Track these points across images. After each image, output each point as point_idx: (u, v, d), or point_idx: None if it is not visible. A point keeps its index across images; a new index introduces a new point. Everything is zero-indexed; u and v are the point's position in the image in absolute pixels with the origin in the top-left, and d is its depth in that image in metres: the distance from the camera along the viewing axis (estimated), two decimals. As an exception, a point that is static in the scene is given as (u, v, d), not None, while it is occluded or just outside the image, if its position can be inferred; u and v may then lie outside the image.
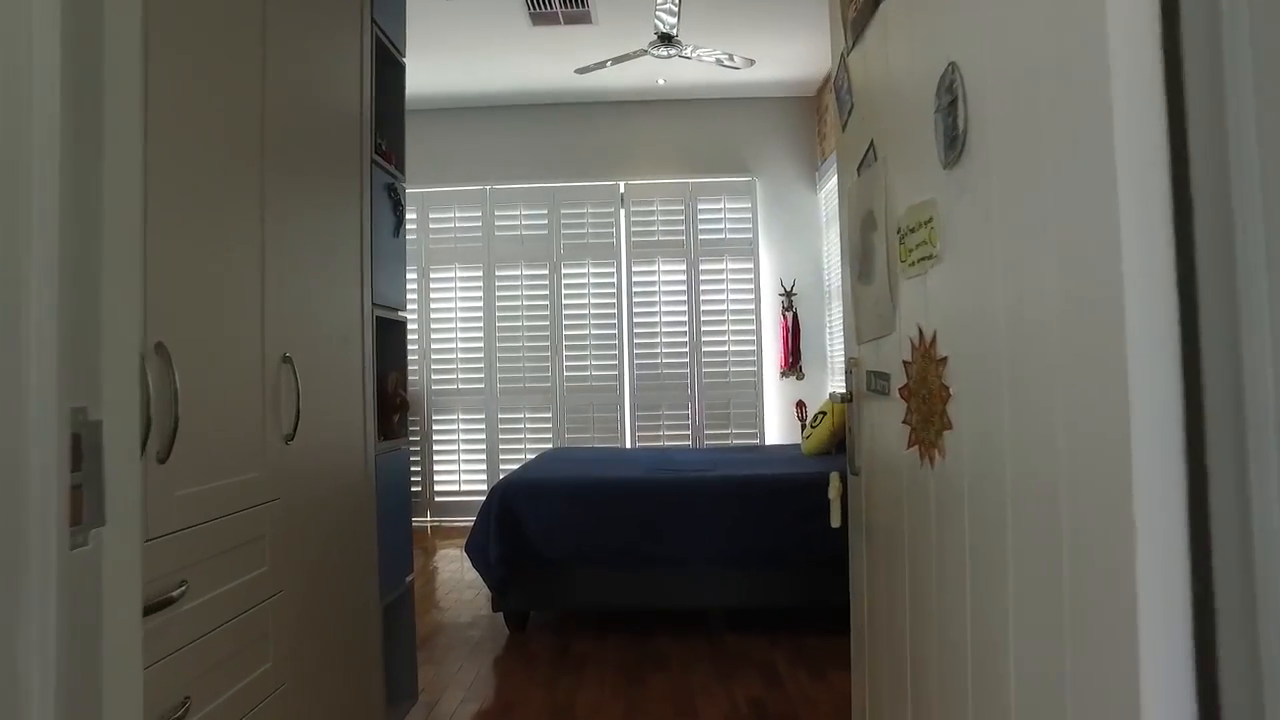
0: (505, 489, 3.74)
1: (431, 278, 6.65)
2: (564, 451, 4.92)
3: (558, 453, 4.94)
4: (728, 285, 6.51)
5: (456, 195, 6.66)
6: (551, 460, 4.45)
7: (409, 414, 2.74)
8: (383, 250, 2.57)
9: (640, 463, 4.33)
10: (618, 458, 4.55)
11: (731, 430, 6.45)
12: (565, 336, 6.54)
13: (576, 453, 4.98)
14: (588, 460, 4.42)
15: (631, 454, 4.79)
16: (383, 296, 2.55)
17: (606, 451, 4.97)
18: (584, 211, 6.60)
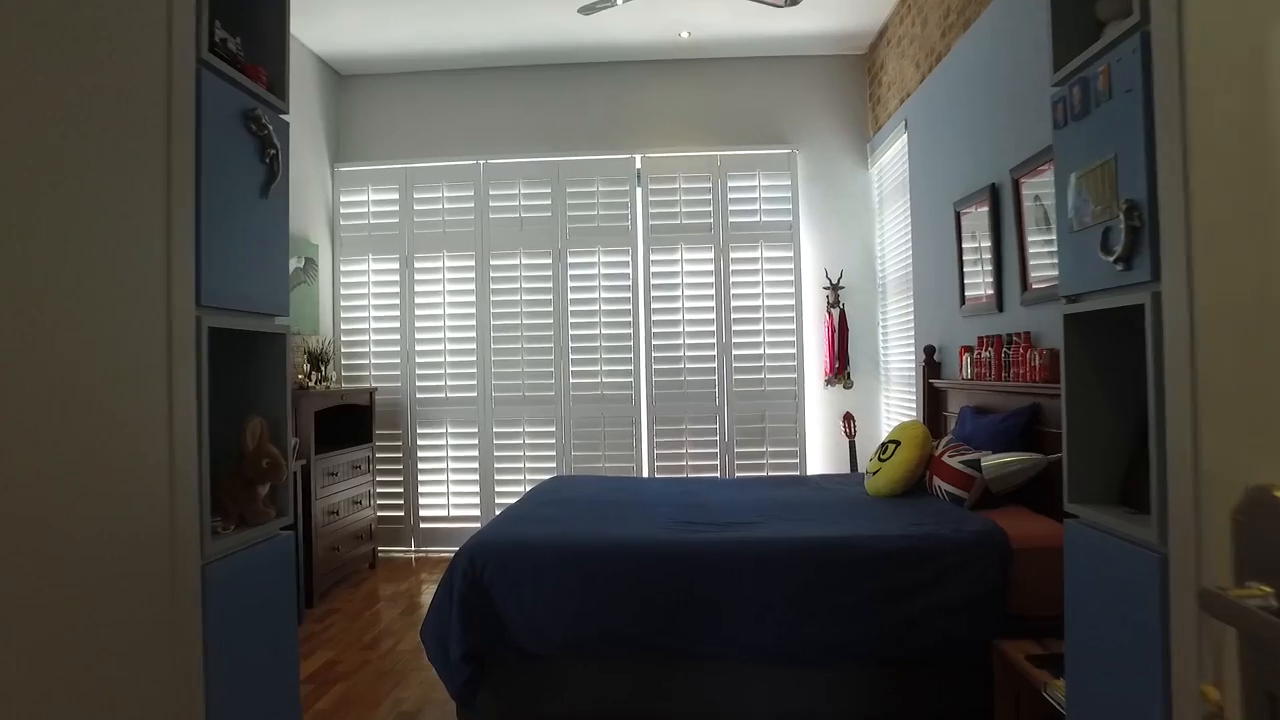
0: (474, 555, 2.69)
1: (416, 268, 5.61)
2: (565, 485, 3.87)
3: (558, 485, 3.89)
4: (763, 277, 5.43)
5: (445, 171, 5.61)
6: (542, 503, 3.40)
7: (283, 478, 1.70)
8: (234, 218, 1.53)
9: (660, 507, 3.28)
10: (631, 497, 3.49)
11: (767, 448, 5.38)
12: (572, 337, 5.49)
13: (581, 484, 3.93)
14: (591, 502, 3.37)
15: (649, 490, 3.74)
16: (231, 294, 1.51)
17: (618, 484, 3.92)
18: (593, 190, 5.53)
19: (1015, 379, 3.14)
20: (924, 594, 2.50)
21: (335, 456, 4.62)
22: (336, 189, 5.69)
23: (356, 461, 4.91)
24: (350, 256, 5.67)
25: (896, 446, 3.37)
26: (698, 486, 3.85)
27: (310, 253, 5.24)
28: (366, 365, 5.63)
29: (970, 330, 3.77)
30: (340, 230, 5.68)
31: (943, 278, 4.13)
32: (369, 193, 5.67)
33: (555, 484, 3.96)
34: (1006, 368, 3.23)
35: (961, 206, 3.83)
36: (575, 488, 3.77)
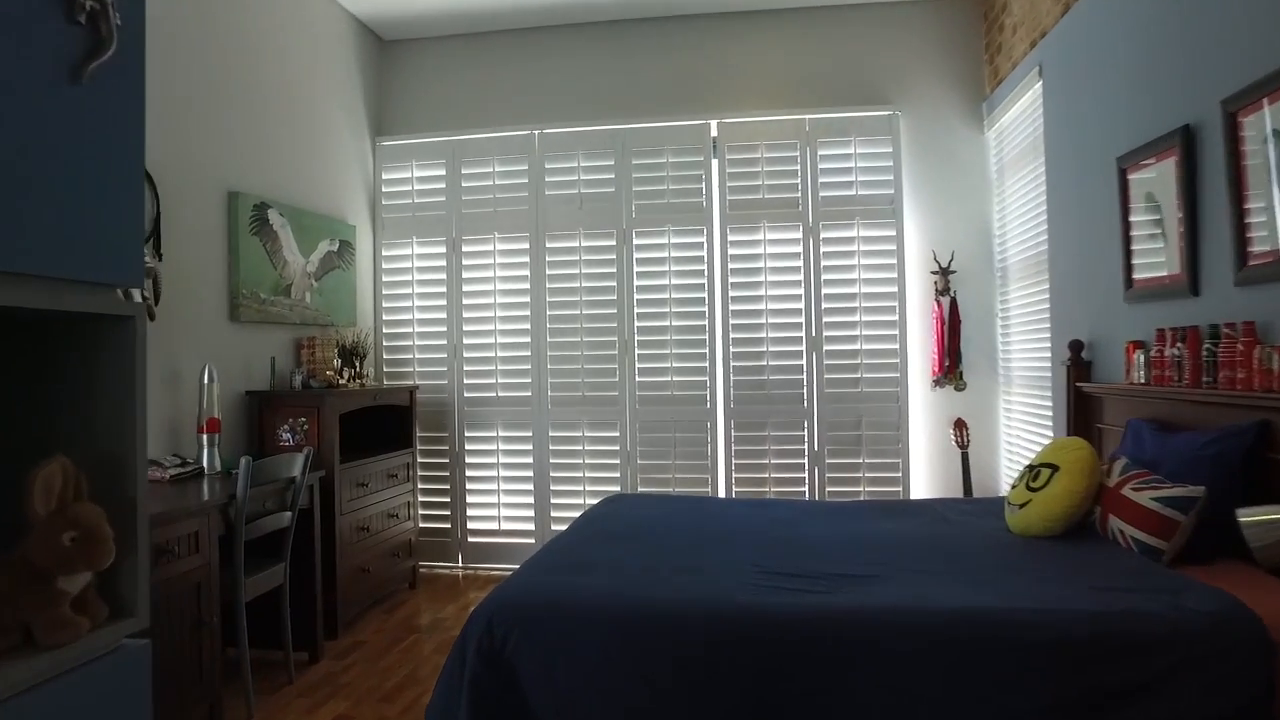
0: (493, 619, 1.99)
1: (464, 251, 4.96)
2: (625, 510, 3.13)
3: (616, 510, 3.15)
4: (859, 260, 4.60)
5: (496, 143, 4.94)
6: (593, 536, 2.66)
7: (105, 561, 1.02)
8: (11, 116, 0.84)
9: (742, 545, 2.52)
10: (706, 529, 2.73)
11: (864, 459, 4.54)
12: (638, 329, 4.76)
13: (645, 508, 3.19)
14: (656, 537, 2.62)
15: (728, 518, 2.96)
16: (12, 251, 0.82)
17: (690, 509, 3.15)
18: (663, 161, 4.78)
19: (1227, 385, 2.28)
20: (1137, 704, 1.68)
21: (366, 465, 4.00)
22: (378, 165, 5.08)
23: (393, 469, 4.28)
24: (392, 240, 5.06)
25: (1054, 472, 2.53)
26: (788, 514, 3.06)
27: (346, 235, 4.64)
28: (410, 360, 5.01)
29: (1143, 320, 2.89)
30: (381, 210, 5.07)
31: (1096, 255, 3.25)
32: (413, 169, 5.04)
33: (613, 508, 3.22)
34: (1210, 369, 2.37)
35: (1130, 162, 2.94)
36: (637, 513, 3.03)
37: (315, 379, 3.99)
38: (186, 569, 2.66)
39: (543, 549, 2.59)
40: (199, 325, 3.51)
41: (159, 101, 3.30)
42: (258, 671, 3.28)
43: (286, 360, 4.11)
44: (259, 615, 3.32)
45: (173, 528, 2.60)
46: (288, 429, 3.73)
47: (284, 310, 4.02)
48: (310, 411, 3.70)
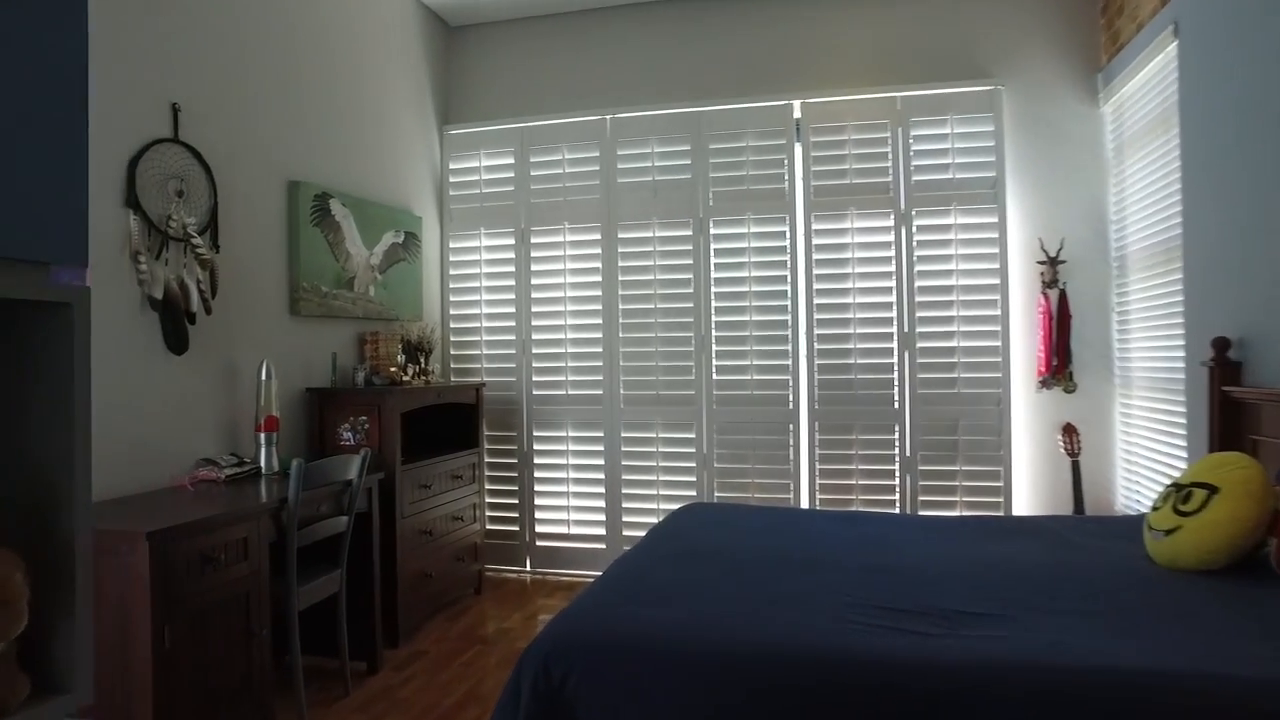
0: (551, 657, 1.72)
1: (533, 243, 4.73)
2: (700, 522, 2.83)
3: (691, 524, 2.86)
4: (957, 250, 4.19)
5: (566, 130, 4.70)
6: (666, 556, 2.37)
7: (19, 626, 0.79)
8: None
9: (834, 568, 2.20)
10: (792, 548, 2.41)
11: (960, 467, 4.14)
12: (716, 324, 4.45)
13: (722, 521, 2.89)
14: (735, 558, 2.32)
15: (815, 535, 2.62)
16: None
17: (772, 522, 2.84)
18: (742, 145, 4.46)
19: None
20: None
21: (430, 466, 3.81)
22: (445, 154, 4.90)
23: (458, 470, 4.09)
24: (459, 231, 4.87)
25: (1211, 494, 2.13)
26: (882, 530, 2.72)
27: (412, 226, 4.46)
28: (477, 356, 4.82)
29: (1311, 314, 2.45)
30: (448, 201, 4.89)
31: (1250, 240, 2.80)
32: (480, 157, 4.85)
33: (689, 519, 2.92)
34: None
35: (1295, 129, 2.50)
36: (715, 527, 2.73)
37: (378, 375, 3.82)
38: (234, 577, 2.48)
39: (612, 568, 2.31)
40: (257, 319, 3.37)
41: (217, 89, 3.15)
42: (314, 681, 3.11)
43: (349, 356, 3.95)
44: (317, 620, 3.16)
45: (220, 534, 2.42)
46: (348, 428, 3.56)
47: (346, 304, 3.86)
48: (371, 410, 3.52)
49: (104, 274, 2.67)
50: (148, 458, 2.82)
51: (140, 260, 2.78)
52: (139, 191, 2.79)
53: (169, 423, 2.91)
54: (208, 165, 3.07)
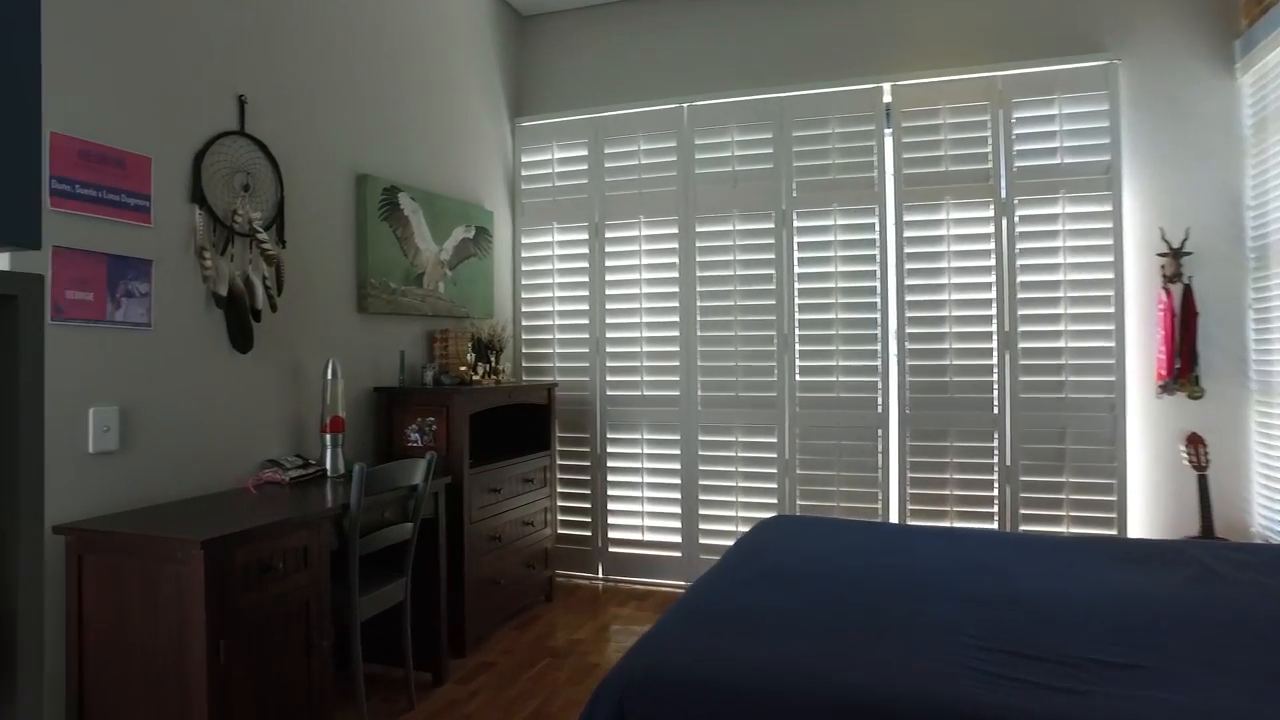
0: (626, 699, 1.52)
1: (607, 237, 4.55)
2: (786, 539, 2.59)
3: (776, 541, 2.61)
4: (1064, 241, 3.83)
5: (641, 119, 4.50)
6: (750, 579, 2.13)
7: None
8: None
9: (941, 599, 1.93)
10: (889, 571, 2.15)
11: (1067, 479, 3.78)
12: (799, 322, 4.19)
13: (810, 537, 2.64)
14: (829, 584, 2.07)
15: (914, 555, 2.34)
16: None
17: (864, 539, 2.57)
18: (828, 132, 4.18)
19: None
20: None
21: (499, 469, 3.66)
22: (517, 147, 4.76)
23: (529, 474, 3.93)
24: (531, 225, 4.72)
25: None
26: (989, 551, 2.43)
27: (483, 221, 4.33)
28: (549, 355, 4.67)
29: None
30: (520, 195, 4.75)
31: None
32: (553, 150, 4.69)
33: (774, 535, 2.68)
34: None
35: None
36: (804, 544, 2.49)
37: (447, 375, 3.70)
38: (294, 587, 2.36)
39: (691, 591, 2.10)
40: (324, 317, 3.27)
41: (283, 80, 3.05)
42: (377, 692, 2.99)
43: (417, 355, 3.83)
44: (382, 625, 3.04)
45: (278, 541, 2.30)
46: (416, 429, 3.43)
47: (415, 301, 3.74)
48: (439, 410, 3.39)
49: (168, 270, 2.59)
50: (211, 459, 2.74)
51: (205, 256, 2.69)
52: (204, 186, 2.70)
53: (233, 423, 2.83)
54: (274, 158, 2.98)
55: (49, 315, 2.28)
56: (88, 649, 2.24)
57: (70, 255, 2.34)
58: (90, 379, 2.37)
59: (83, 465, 2.35)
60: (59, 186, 2.31)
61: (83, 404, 2.35)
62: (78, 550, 2.25)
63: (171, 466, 2.60)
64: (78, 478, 2.33)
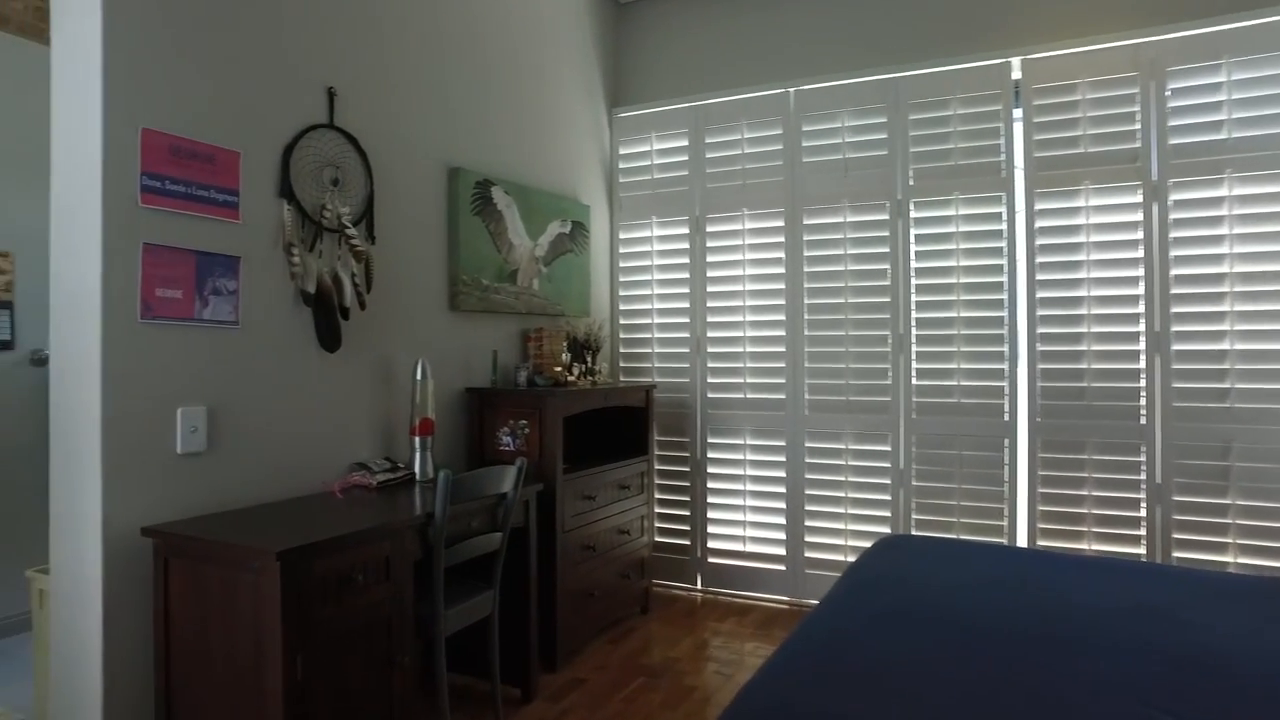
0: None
1: (708, 231, 4.32)
2: (907, 566, 2.28)
3: (896, 567, 2.32)
4: (1231, 227, 3.35)
5: (744, 106, 4.24)
6: (873, 618, 1.86)
7: None
8: None
9: (1115, 663, 1.60)
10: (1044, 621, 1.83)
11: (1232, 501, 3.31)
12: (916, 320, 3.85)
13: (934, 566, 2.33)
14: (964, 629, 1.78)
15: (1071, 598, 2.00)
16: None
17: (997, 568, 2.24)
18: (948, 115, 3.82)
19: None
20: None
21: (594, 475, 3.48)
22: (614, 139, 4.58)
23: (625, 480, 3.75)
24: (629, 220, 4.54)
25: None
26: (1151, 588, 2.07)
27: (580, 215, 4.17)
28: (648, 355, 4.47)
29: None
30: (618, 188, 4.57)
31: None
32: (652, 140, 4.49)
33: (893, 562, 2.38)
34: None
35: None
36: (929, 574, 2.19)
37: (541, 375, 3.55)
38: (375, 600, 2.24)
39: (800, 632, 1.84)
40: (414, 315, 3.16)
41: (374, 71, 2.95)
42: (462, 706, 2.86)
43: (511, 354, 3.70)
44: (469, 637, 2.91)
45: (359, 552, 2.18)
46: (507, 431, 3.29)
47: (509, 298, 3.61)
48: (532, 413, 3.24)
49: (256, 267, 2.52)
50: (298, 461, 2.66)
51: (293, 253, 2.61)
52: (293, 180, 2.62)
53: (321, 424, 2.74)
54: (364, 152, 2.88)
55: (138, 313, 2.22)
56: (174, 653, 2.18)
57: (159, 252, 2.28)
58: (178, 378, 2.31)
59: (171, 466, 2.29)
60: (149, 183, 2.26)
61: (171, 404, 2.29)
62: (164, 553, 2.19)
63: (258, 469, 2.52)
64: (166, 479, 2.28)
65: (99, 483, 2.15)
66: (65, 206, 2.25)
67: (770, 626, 3.76)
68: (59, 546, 2.26)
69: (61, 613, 2.27)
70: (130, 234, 2.20)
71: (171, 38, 2.30)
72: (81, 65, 2.20)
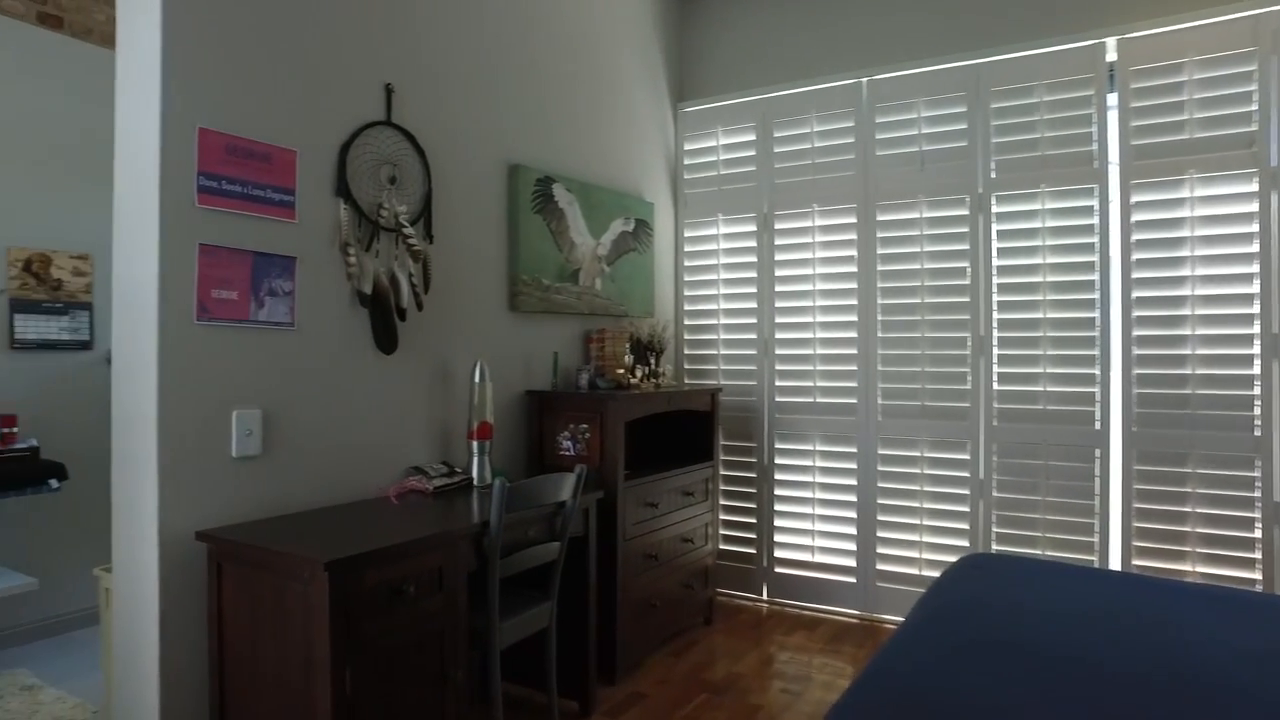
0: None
1: (777, 229, 4.14)
2: (995, 590, 2.08)
3: (983, 590, 2.12)
4: (1357, 219, 3.03)
5: (814, 98, 4.04)
6: (958, 647, 1.67)
7: None
8: None
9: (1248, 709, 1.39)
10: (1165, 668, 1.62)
11: (1362, 518, 2.99)
12: (998, 322, 3.61)
13: (1023, 589, 2.13)
14: (1069, 662, 1.58)
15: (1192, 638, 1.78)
16: None
17: (1105, 598, 2.02)
18: (1034, 102, 3.56)
19: None
20: None
21: (657, 481, 3.35)
22: (679, 134, 4.44)
23: (689, 486, 3.60)
24: (695, 218, 4.39)
25: None
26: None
27: (643, 213, 4.04)
28: (713, 357, 4.31)
29: None
30: (683, 185, 4.42)
31: None
32: (718, 135, 4.33)
33: (977, 585, 2.18)
34: None
35: None
36: (1017, 601, 1.99)
37: (603, 378, 3.43)
38: (427, 612, 2.15)
39: (876, 665, 1.66)
40: (473, 316, 3.08)
41: (432, 67, 2.88)
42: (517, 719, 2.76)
43: (572, 356, 3.60)
44: (526, 646, 2.81)
45: (410, 563, 2.09)
46: (568, 435, 3.19)
47: (570, 299, 3.51)
48: (593, 416, 3.13)
49: (312, 268, 2.46)
50: (354, 465, 2.60)
51: (349, 252, 2.55)
52: (349, 179, 2.56)
53: (377, 428, 2.68)
54: (422, 149, 2.81)
55: (194, 315, 2.18)
56: (227, 662, 2.13)
57: (215, 253, 2.24)
58: (233, 381, 2.27)
59: (225, 470, 2.25)
60: (205, 183, 2.22)
61: (226, 407, 2.25)
62: (217, 559, 2.14)
63: (313, 473, 2.47)
64: (220, 482, 2.23)
65: (155, 485, 2.11)
66: (126, 207, 2.22)
67: (840, 642, 3.57)
68: (119, 547, 2.25)
69: (122, 614, 2.25)
70: (186, 234, 2.16)
71: (229, 36, 2.26)
72: (141, 65, 2.17)
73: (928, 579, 3.72)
